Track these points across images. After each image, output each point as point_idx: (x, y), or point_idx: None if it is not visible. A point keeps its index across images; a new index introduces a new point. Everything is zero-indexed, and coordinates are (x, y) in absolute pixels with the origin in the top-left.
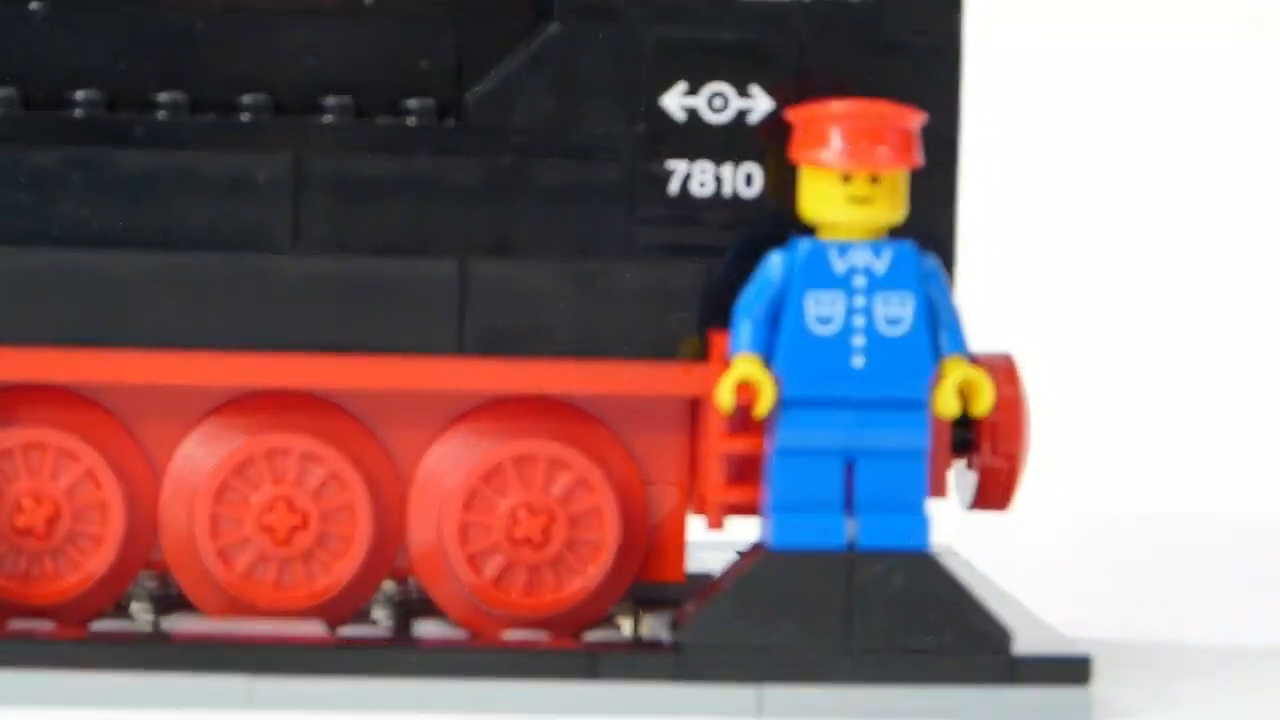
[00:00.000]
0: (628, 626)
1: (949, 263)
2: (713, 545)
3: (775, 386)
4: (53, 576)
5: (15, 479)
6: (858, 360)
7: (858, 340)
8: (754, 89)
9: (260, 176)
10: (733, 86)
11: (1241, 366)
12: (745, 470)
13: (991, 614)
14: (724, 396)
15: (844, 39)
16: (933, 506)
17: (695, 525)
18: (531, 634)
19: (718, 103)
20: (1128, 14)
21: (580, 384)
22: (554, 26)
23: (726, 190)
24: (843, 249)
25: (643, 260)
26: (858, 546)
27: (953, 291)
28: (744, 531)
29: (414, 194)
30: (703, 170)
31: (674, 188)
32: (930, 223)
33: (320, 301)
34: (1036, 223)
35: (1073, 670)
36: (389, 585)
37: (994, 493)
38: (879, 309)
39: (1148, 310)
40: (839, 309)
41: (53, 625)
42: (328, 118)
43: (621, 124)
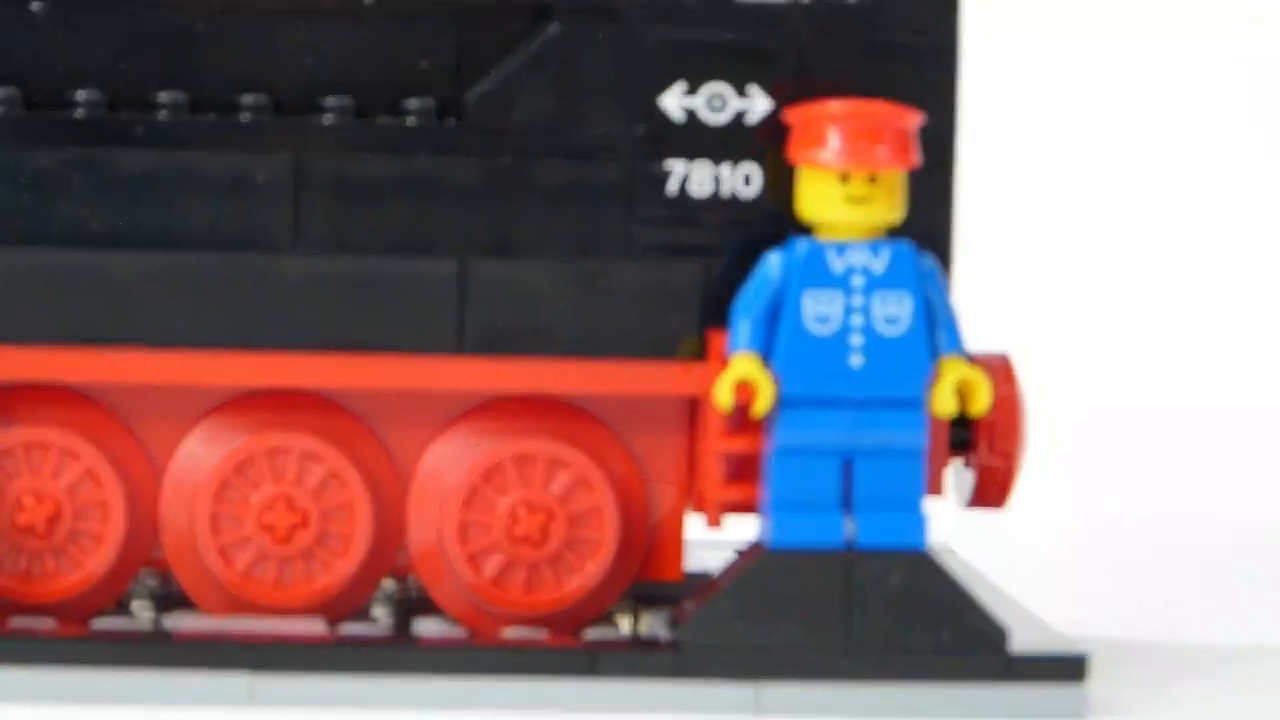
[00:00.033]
0: (627, 625)
1: (946, 262)
2: (711, 544)
3: (773, 386)
4: (54, 575)
5: (17, 477)
6: (855, 359)
7: (856, 340)
8: (752, 89)
9: (260, 176)
10: (731, 87)
11: (1241, 366)
12: (744, 469)
13: (988, 612)
14: (723, 396)
15: (842, 40)
16: (930, 506)
17: (694, 524)
18: (531, 632)
19: (716, 103)
20: (1128, 14)
21: (579, 383)
22: (554, 27)
23: (725, 190)
24: (841, 249)
25: (642, 260)
26: (856, 545)
27: (950, 291)
28: (742, 530)
29: (414, 194)
30: (701, 170)
31: (673, 188)
32: (928, 223)
33: (320, 301)
34: (1034, 223)
35: (1069, 668)
36: (389, 583)
37: (991, 491)
38: (877, 308)
39: (1147, 310)
40: (837, 308)
41: (54, 623)
42: (328, 118)
43: (621, 124)
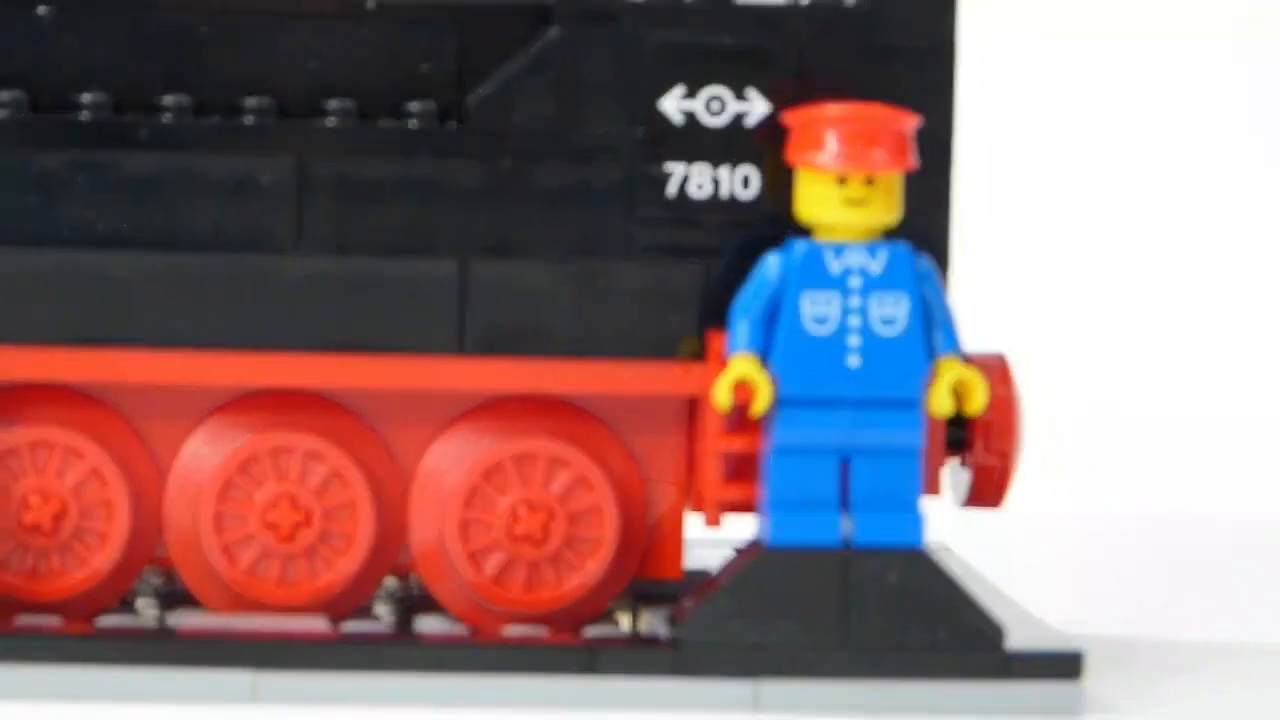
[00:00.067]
0: (626, 622)
1: (943, 263)
2: (710, 542)
3: (772, 386)
4: (59, 573)
5: (23, 476)
6: (853, 360)
7: (853, 340)
8: (751, 92)
9: (264, 178)
10: (730, 90)
11: (1241, 366)
12: (742, 468)
13: (985, 610)
14: (721, 395)
15: (840, 43)
16: (928, 505)
17: (693, 523)
18: (531, 630)
19: (715, 106)
20: (1127, 14)
21: (579, 383)
22: (554, 30)
23: (724, 192)
24: (838, 250)
25: (641, 261)
26: (853, 544)
27: (947, 292)
28: (741, 529)
29: (415, 195)
30: (701, 172)
31: (672, 190)
32: (925, 224)
33: (323, 302)
34: (1033, 223)
35: (1065, 666)
36: (391, 581)
37: (987, 491)
38: (874, 309)
39: (1147, 310)
40: (834, 309)
41: (59, 620)
42: (330, 120)
43: (621, 126)
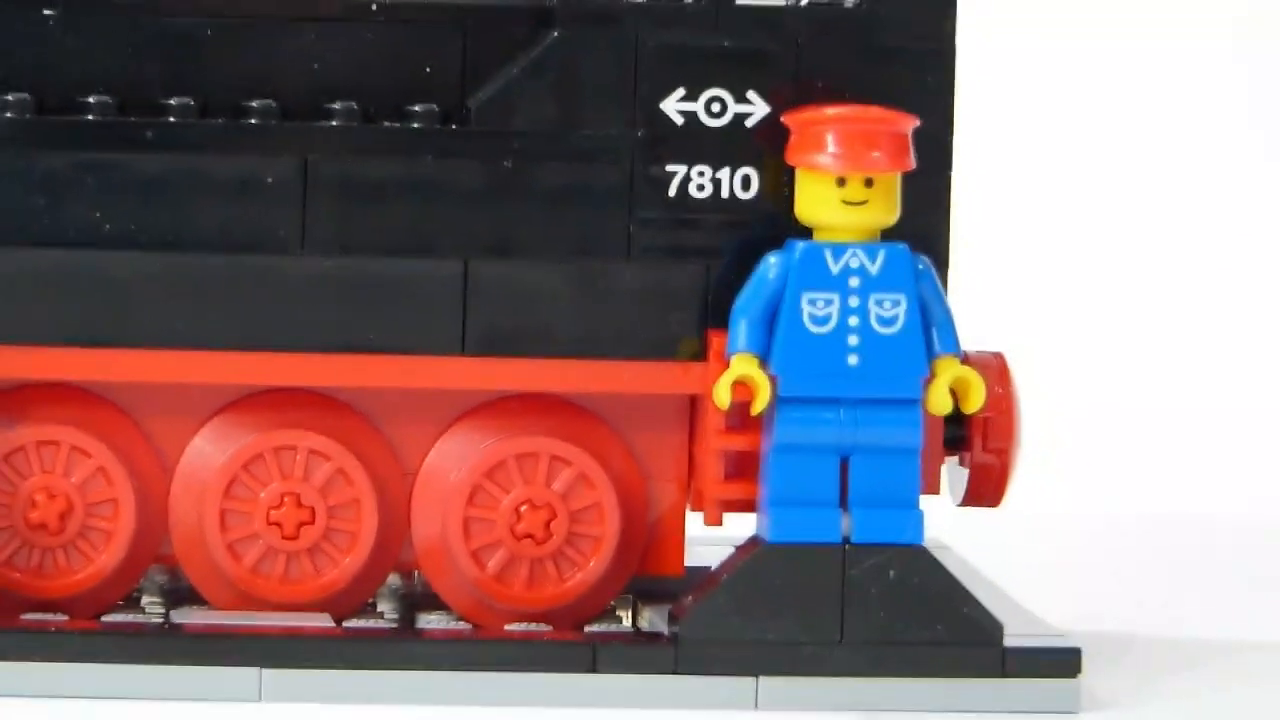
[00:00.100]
0: (627, 619)
1: (942, 264)
2: (711, 540)
3: (772, 385)
4: (65, 570)
5: (29, 475)
6: (852, 359)
7: (852, 340)
8: (751, 94)
9: (268, 179)
10: (730, 92)
11: (1241, 366)
12: (742, 467)
13: (984, 607)
14: (722, 394)
15: (839, 45)
16: (928, 504)
17: (693, 520)
18: (533, 626)
19: (716, 107)
20: (1127, 14)
21: (581, 382)
22: (555, 33)
23: (724, 193)
24: (837, 250)
25: (642, 261)
26: (852, 541)
27: (945, 292)
28: (741, 527)
29: (418, 196)
30: (701, 173)
31: (673, 190)
32: (924, 224)
33: (327, 302)
34: (1032, 223)
35: (1063, 663)
36: (394, 579)
37: (985, 489)
38: (873, 309)
39: (1147, 310)
40: (834, 309)
41: (65, 617)
42: (334, 122)
43: (621, 128)
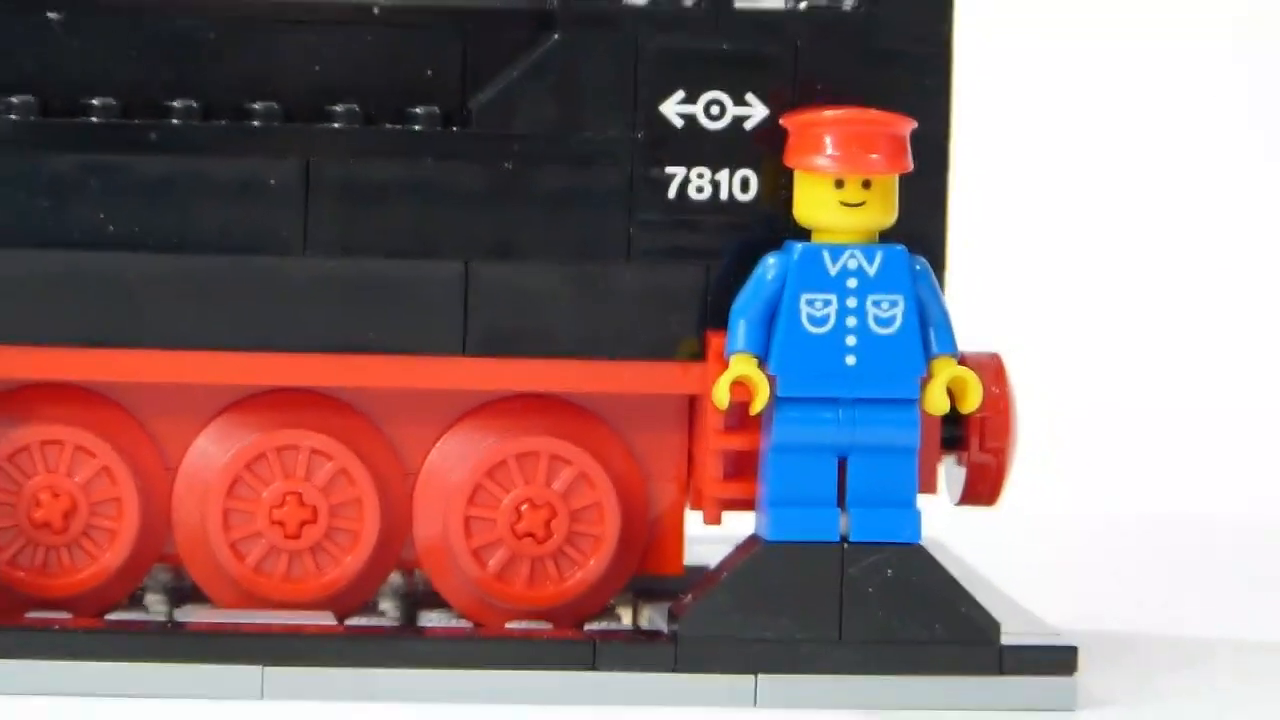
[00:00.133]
0: (627, 617)
1: (939, 265)
2: (710, 539)
3: (770, 385)
4: (70, 569)
5: (33, 474)
6: (850, 359)
7: (850, 340)
8: (750, 97)
9: (271, 181)
10: (729, 94)
11: (1241, 366)
12: (742, 466)
13: (981, 606)
14: (721, 394)
15: (837, 48)
16: (926, 503)
17: (693, 519)
18: (534, 624)
19: (715, 110)
20: (1127, 14)
21: (581, 383)
22: (555, 36)
23: (723, 195)
24: (835, 252)
25: (642, 262)
26: (851, 540)
27: (943, 292)
28: (740, 526)
29: (420, 198)
30: (700, 175)
31: (672, 192)
32: (921, 226)
33: (329, 302)
34: (1032, 223)
35: (1059, 661)
36: (396, 577)
37: (982, 488)
38: (870, 310)
39: (1147, 310)
40: (832, 310)
41: (69, 616)
42: (336, 124)
43: (621, 130)
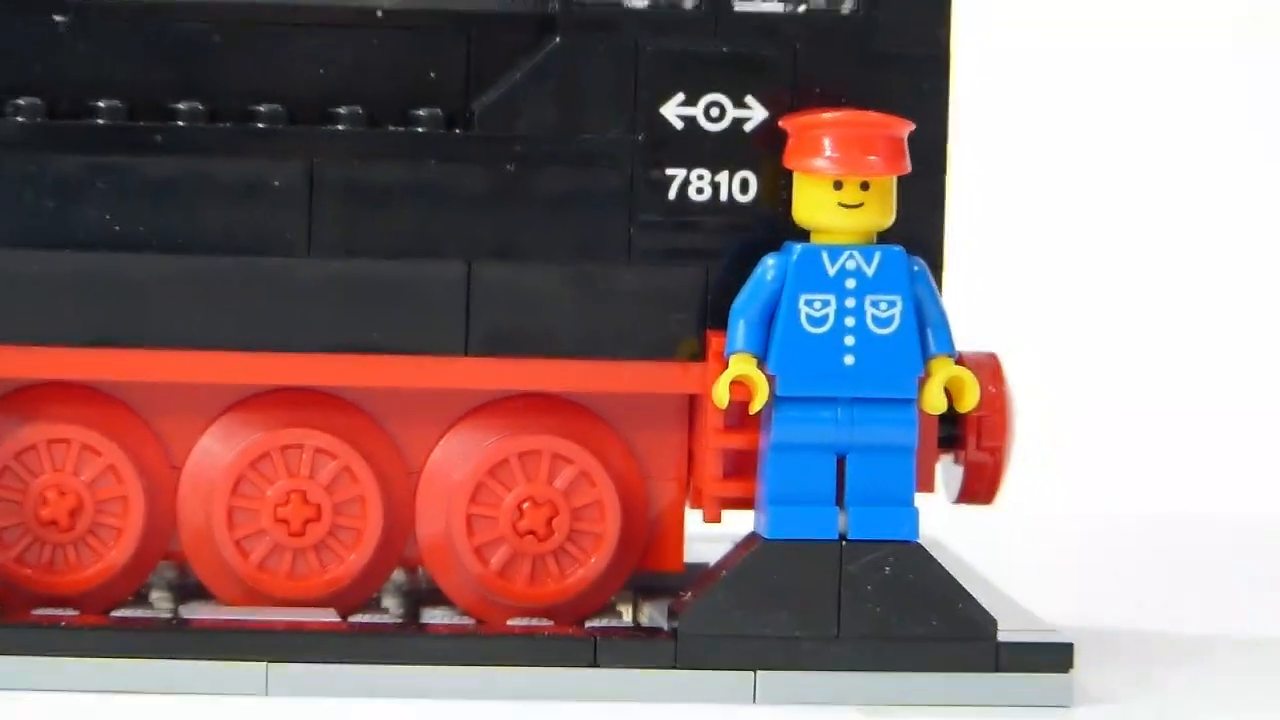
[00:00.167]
0: (628, 614)
1: (937, 265)
2: (710, 537)
3: (769, 384)
4: (76, 566)
5: (40, 473)
6: (848, 359)
7: (849, 340)
8: (749, 99)
9: (275, 182)
10: (729, 97)
11: (1241, 366)
12: (741, 465)
13: (978, 603)
14: (720, 394)
15: (836, 51)
16: (923, 501)
17: (693, 517)
18: (535, 621)
19: (715, 112)
20: (1127, 14)
21: (582, 382)
22: (557, 39)
23: (723, 196)
24: (834, 253)
25: (642, 263)
26: (849, 538)
27: (940, 293)
28: (740, 524)
29: (423, 200)
30: (700, 177)
31: (673, 194)
32: (919, 227)
33: (332, 303)
34: (1029, 225)
35: (1055, 658)
36: (399, 575)
37: (979, 487)
38: (869, 310)
39: (1147, 311)
40: (831, 310)
41: (76, 612)
42: (340, 126)
43: (622, 133)
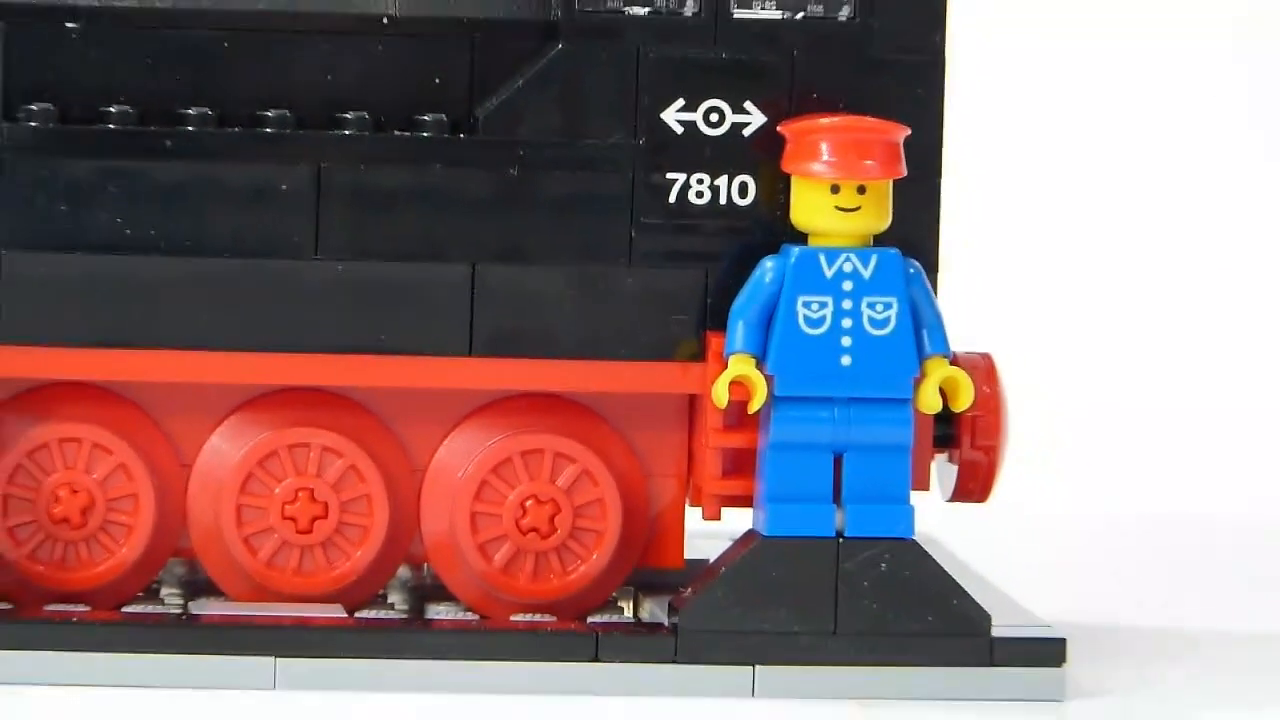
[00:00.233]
0: (629, 610)
1: (932, 267)
2: (709, 534)
3: (768, 384)
4: (87, 563)
5: (52, 471)
6: (845, 360)
7: (845, 341)
8: (748, 104)
9: (283, 186)
10: (728, 102)
11: (1241, 366)
12: (740, 463)
13: (972, 599)
14: (720, 394)
15: (833, 57)
16: (919, 499)
17: (693, 515)
18: (538, 617)
19: (714, 117)
20: (1127, 14)
21: (584, 382)
22: (560, 46)
23: (722, 200)
24: (831, 255)
25: (643, 266)
26: (846, 535)
27: (935, 294)
28: (739, 521)
29: (428, 203)
30: (700, 181)
31: (673, 197)
32: (914, 229)
33: (339, 305)
34: (1025, 226)
35: (1048, 652)
36: (404, 571)
37: (973, 485)
38: (865, 311)
39: (1147, 311)
40: (828, 311)
41: (87, 608)
42: (347, 131)
43: (623, 137)
